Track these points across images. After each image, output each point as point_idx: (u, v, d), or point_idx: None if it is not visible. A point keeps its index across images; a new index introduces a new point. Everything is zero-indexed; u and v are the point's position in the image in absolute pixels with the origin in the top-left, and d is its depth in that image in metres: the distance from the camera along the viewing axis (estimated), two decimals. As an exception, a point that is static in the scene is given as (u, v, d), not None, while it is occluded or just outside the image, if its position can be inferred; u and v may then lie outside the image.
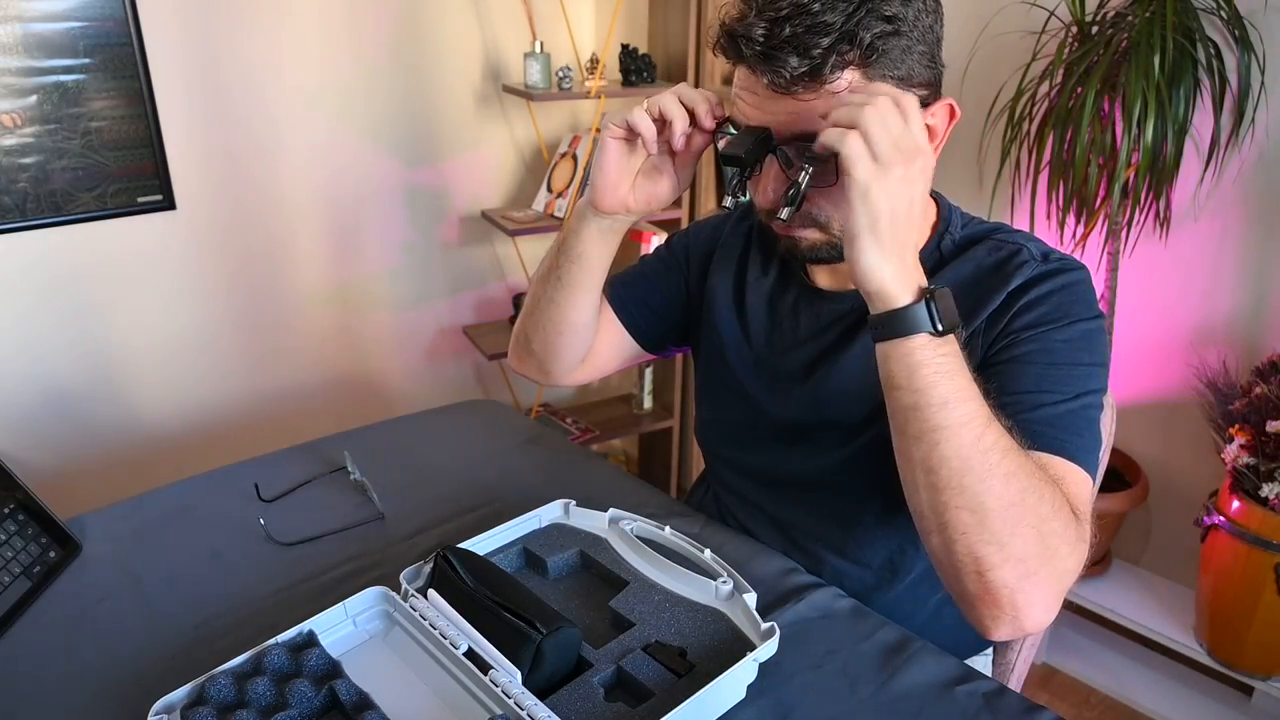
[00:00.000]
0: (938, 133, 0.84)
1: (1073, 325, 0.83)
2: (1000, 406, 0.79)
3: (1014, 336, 0.84)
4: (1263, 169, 1.61)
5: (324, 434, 1.28)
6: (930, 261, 0.92)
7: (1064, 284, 0.85)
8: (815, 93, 0.77)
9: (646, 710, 0.74)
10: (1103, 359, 0.84)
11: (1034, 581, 0.70)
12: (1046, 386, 0.80)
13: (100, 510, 1.09)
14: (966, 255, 0.90)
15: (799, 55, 0.75)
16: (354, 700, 0.74)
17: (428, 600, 0.83)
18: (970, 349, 0.86)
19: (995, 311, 0.86)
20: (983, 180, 1.91)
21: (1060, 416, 0.79)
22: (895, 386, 0.72)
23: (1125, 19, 1.57)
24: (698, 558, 0.90)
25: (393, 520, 1.08)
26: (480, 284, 2.46)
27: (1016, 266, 0.87)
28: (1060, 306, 0.84)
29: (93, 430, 2.00)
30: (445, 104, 2.23)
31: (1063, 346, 0.82)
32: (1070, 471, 0.77)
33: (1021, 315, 0.84)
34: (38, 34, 1.71)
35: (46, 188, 1.79)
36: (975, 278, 0.89)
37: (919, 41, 0.78)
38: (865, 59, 0.76)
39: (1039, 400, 0.80)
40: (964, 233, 0.93)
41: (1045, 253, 0.89)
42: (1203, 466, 1.78)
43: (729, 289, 1.05)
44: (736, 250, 1.06)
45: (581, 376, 1.12)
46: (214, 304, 2.07)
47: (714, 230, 1.10)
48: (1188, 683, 1.85)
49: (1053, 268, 0.86)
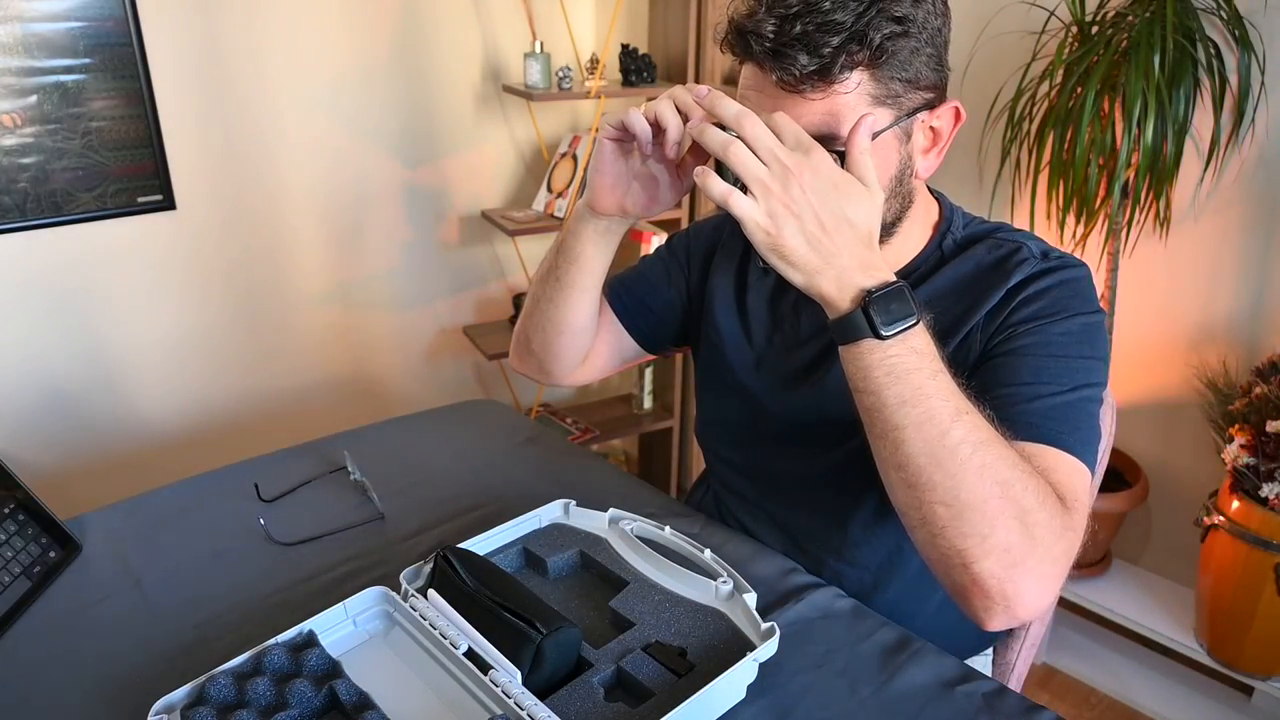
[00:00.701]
0: (943, 135, 0.85)
1: (1071, 319, 0.83)
2: (998, 399, 0.79)
3: (1012, 330, 0.84)
4: (1263, 169, 1.61)
5: (324, 434, 1.28)
6: (931, 260, 0.92)
7: (1063, 280, 0.85)
8: (823, 92, 0.77)
9: (646, 710, 0.74)
10: (1102, 353, 0.84)
11: (1021, 571, 0.70)
12: (1044, 378, 0.80)
13: (100, 510, 1.09)
14: (967, 254, 0.91)
15: (808, 53, 0.75)
16: (354, 700, 0.74)
17: (428, 600, 0.83)
18: (968, 344, 0.86)
19: (994, 308, 0.86)
20: (983, 180, 1.91)
21: (1056, 408, 0.79)
22: (855, 389, 0.73)
23: (1125, 19, 1.57)
24: (698, 558, 0.90)
25: (393, 520, 1.08)
26: (480, 284, 2.46)
27: (1016, 264, 0.87)
28: (1059, 301, 0.84)
29: (93, 430, 2.00)
30: (445, 104, 2.23)
31: (1061, 339, 0.82)
32: (1062, 461, 0.77)
33: (1020, 310, 0.84)
34: (38, 34, 1.71)
35: (46, 188, 1.79)
36: (975, 275, 0.89)
37: (927, 44, 0.79)
38: (874, 59, 0.76)
39: (1036, 392, 0.80)
40: (965, 232, 0.93)
41: (1045, 251, 0.89)
42: (1203, 466, 1.78)
43: (730, 289, 1.05)
44: (737, 251, 1.06)
45: (582, 377, 1.12)
46: (214, 304, 2.07)
47: (714, 230, 1.10)
48: (1188, 683, 1.85)
49: (1052, 265, 0.87)
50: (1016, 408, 0.79)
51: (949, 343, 0.87)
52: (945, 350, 0.85)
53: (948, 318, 0.88)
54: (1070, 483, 0.76)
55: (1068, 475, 0.76)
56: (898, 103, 0.80)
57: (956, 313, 0.88)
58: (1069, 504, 0.74)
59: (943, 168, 0.89)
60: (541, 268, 1.03)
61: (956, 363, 0.86)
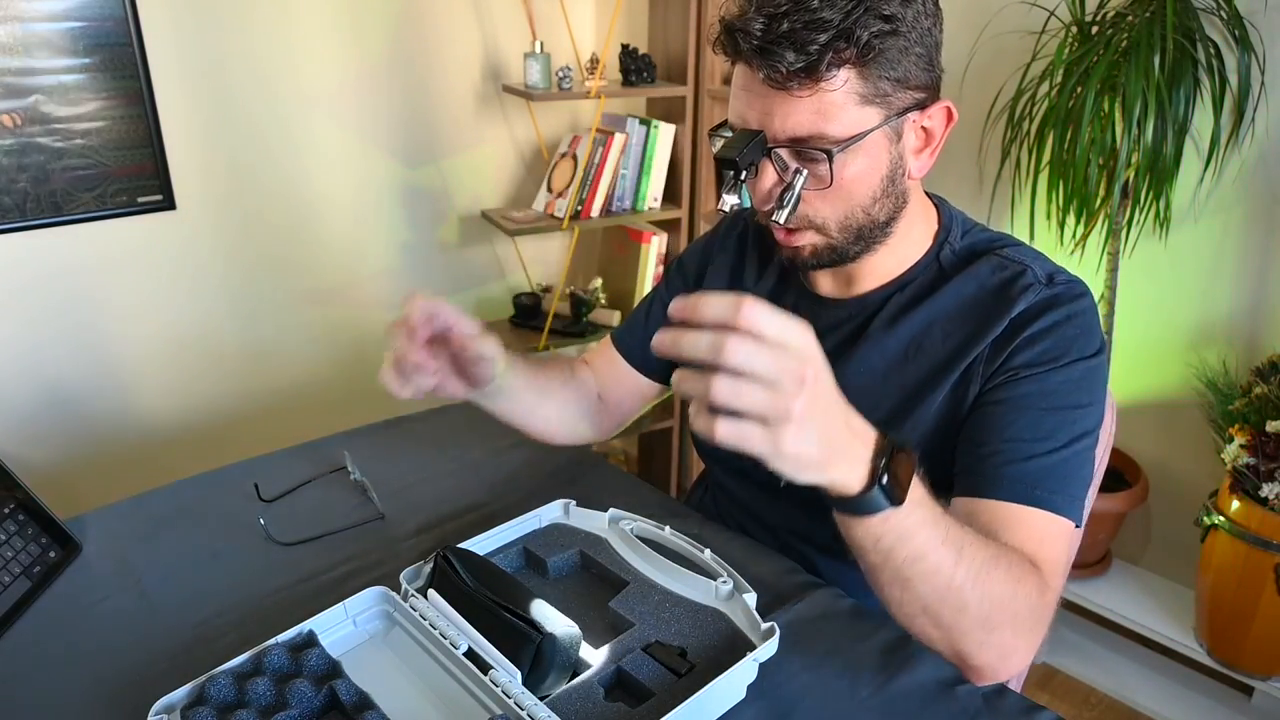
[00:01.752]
0: (935, 135, 0.85)
1: (1073, 365, 0.82)
2: (992, 454, 0.80)
3: (1013, 373, 0.83)
4: (1263, 169, 1.61)
5: (324, 434, 1.28)
6: (930, 272, 0.92)
7: (1069, 314, 0.84)
8: (810, 90, 0.77)
9: (646, 710, 0.74)
10: (1100, 395, 0.84)
11: (1013, 658, 0.75)
12: (1041, 433, 0.80)
13: (100, 510, 1.09)
14: (969, 271, 0.90)
15: (795, 50, 0.75)
16: (354, 700, 0.74)
17: (428, 600, 0.83)
18: (970, 375, 0.86)
19: (998, 338, 0.85)
20: (983, 180, 1.91)
21: (1053, 467, 0.79)
22: (857, 548, 0.70)
23: (1125, 19, 1.57)
24: (698, 558, 0.90)
25: (393, 520, 1.08)
26: (480, 284, 2.46)
27: (1021, 290, 0.86)
28: (1062, 342, 0.83)
29: (93, 430, 2.00)
30: (445, 104, 2.23)
31: (1062, 387, 0.82)
32: (1050, 526, 0.78)
33: (1023, 350, 0.83)
34: (38, 34, 1.71)
35: (46, 188, 1.79)
36: (977, 298, 0.88)
37: (916, 43, 0.78)
38: (862, 57, 0.76)
39: (1030, 450, 0.80)
40: (965, 243, 0.92)
41: (1050, 273, 0.87)
42: (1203, 466, 1.78)
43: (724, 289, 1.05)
44: (729, 262, 1.07)
45: (618, 426, 1.18)
46: (214, 303, 2.07)
47: (703, 251, 1.11)
48: (1188, 683, 1.85)
49: (1058, 292, 0.85)
50: (1011, 467, 0.79)
51: (952, 370, 0.86)
52: (949, 379, 0.86)
53: (951, 343, 0.87)
54: (1053, 550, 0.78)
55: (1053, 541, 0.79)
56: (887, 102, 0.79)
57: (960, 338, 0.87)
58: (1048, 573, 0.76)
59: (943, 168, 0.89)
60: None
61: (957, 393, 0.86)
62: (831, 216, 0.85)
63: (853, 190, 0.83)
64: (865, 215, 0.86)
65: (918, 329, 0.90)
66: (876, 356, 0.91)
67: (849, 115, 0.78)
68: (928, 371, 0.88)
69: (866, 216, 0.86)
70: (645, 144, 2.22)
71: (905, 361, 0.90)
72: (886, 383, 0.91)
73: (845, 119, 0.78)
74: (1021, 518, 0.78)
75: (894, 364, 0.91)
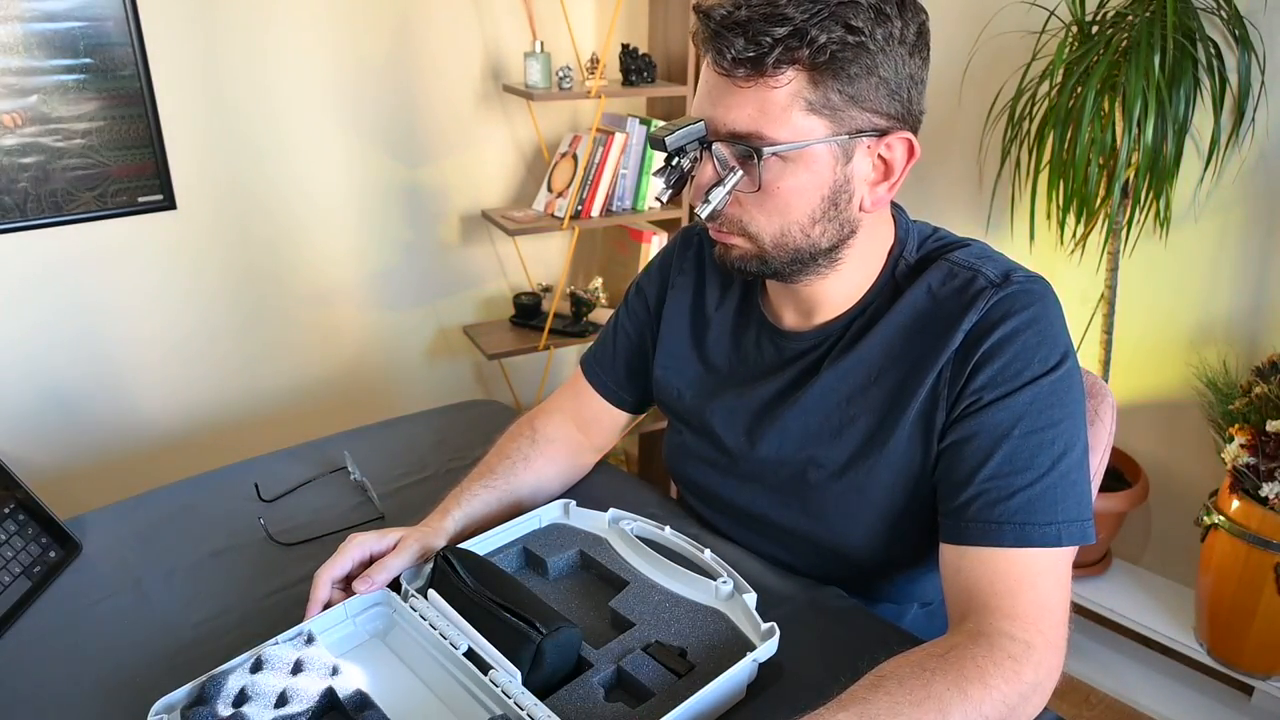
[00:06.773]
0: (895, 168, 0.81)
1: (1037, 382, 0.78)
2: (975, 498, 0.77)
3: (977, 398, 0.79)
4: (1263, 169, 1.61)
5: (324, 434, 1.28)
6: (885, 293, 0.88)
7: (1028, 321, 0.79)
8: (752, 82, 0.75)
9: (646, 710, 0.74)
10: (1077, 404, 0.80)
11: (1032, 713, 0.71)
12: (1020, 465, 0.77)
13: (100, 510, 1.09)
14: (919, 281, 0.85)
15: (746, 39, 0.73)
16: (354, 700, 0.74)
17: (428, 600, 0.83)
18: (936, 393, 0.82)
19: (956, 354, 0.81)
20: (983, 180, 1.91)
21: (1039, 497, 0.76)
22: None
23: (1125, 19, 1.58)
24: (698, 558, 0.90)
25: (393, 520, 1.08)
26: (480, 284, 2.46)
27: (972, 298, 0.81)
28: (1023, 355, 0.78)
29: (93, 430, 2.00)
30: (446, 103, 2.23)
31: (1031, 408, 0.78)
32: (1038, 561, 0.75)
33: (983, 369, 0.79)
34: (38, 34, 1.71)
35: (46, 188, 1.79)
36: (929, 310, 0.84)
37: (883, 66, 0.75)
38: (813, 60, 0.73)
39: (1013, 485, 0.77)
40: (920, 254, 0.89)
41: (1007, 272, 0.82)
42: (1203, 466, 1.78)
43: (685, 324, 1.03)
44: (690, 284, 1.03)
45: (600, 452, 1.17)
46: (214, 303, 2.07)
47: (660, 271, 1.07)
48: (1188, 682, 1.85)
49: (1012, 293, 0.80)
50: (997, 508, 0.76)
51: (917, 389, 0.82)
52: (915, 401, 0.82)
53: (905, 363, 0.84)
54: (1049, 596, 0.74)
55: (1047, 585, 0.75)
56: (837, 117, 0.76)
57: (913, 357, 0.83)
58: (1034, 636, 0.72)
59: (943, 168, 0.89)
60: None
61: (926, 418, 0.83)
62: (766, 228, 0.81)
63: (790, 203, 0.79)
64: (803, 235, 0.81)
65: (876, 350, 0.86)
66: (840, 383, 0.88)
67: (792, 120, 0.75)
68: (892, 392, 0.85)
69: (805, 238, 0.82)
70: (645, 144, 2.22)
71: (870, 385, 0.86)
72: (853, 406, 0.87)
73: (787, 123, 0.75)
74: (1012, 561, 0.75)
75: (858, 388, 0.87)
